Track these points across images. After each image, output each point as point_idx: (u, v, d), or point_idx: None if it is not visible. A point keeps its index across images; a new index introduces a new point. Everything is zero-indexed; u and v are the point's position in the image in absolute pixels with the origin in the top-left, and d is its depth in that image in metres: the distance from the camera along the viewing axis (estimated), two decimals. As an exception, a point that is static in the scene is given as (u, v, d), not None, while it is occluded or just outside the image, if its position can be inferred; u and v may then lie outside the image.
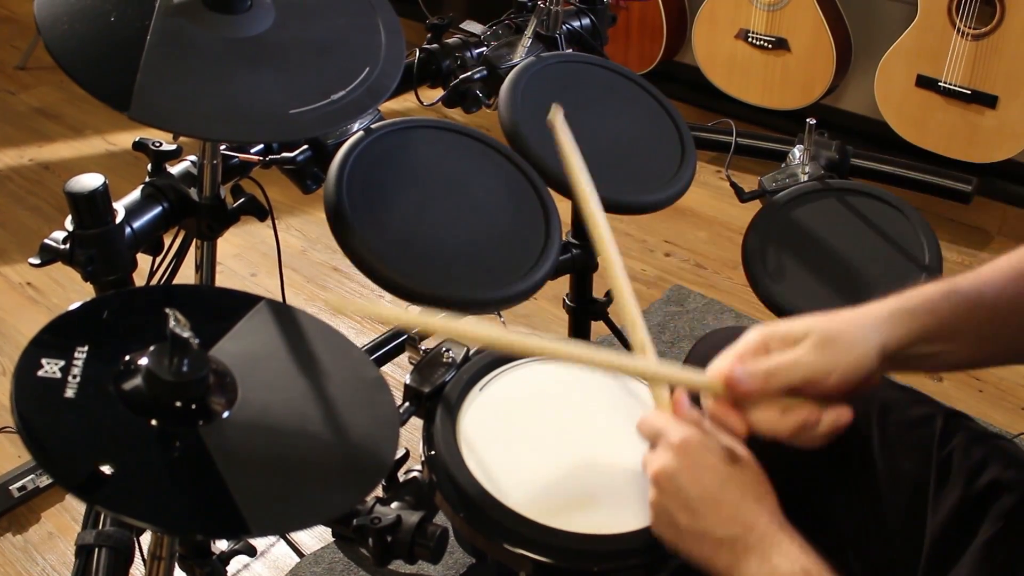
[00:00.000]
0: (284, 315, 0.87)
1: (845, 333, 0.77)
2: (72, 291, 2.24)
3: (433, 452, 0.88)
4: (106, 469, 0.65)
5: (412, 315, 0.88)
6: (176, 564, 0.95)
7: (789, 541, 0.73)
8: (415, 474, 0.99)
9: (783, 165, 1.35)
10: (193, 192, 1.09)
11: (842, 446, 0.91)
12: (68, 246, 0.97)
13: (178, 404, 0.71)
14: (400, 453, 0.92)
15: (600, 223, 0.90)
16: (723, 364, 0.79)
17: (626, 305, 0.86)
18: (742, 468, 0.77)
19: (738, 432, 0.78)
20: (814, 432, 0.77)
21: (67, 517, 1.72)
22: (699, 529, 0.75)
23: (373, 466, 0.77)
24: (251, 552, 1.16)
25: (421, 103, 1.33)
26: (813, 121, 1.32)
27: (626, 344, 1.80)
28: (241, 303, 0.86)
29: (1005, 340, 0.81)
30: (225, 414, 0.73)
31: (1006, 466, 0.85)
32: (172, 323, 0.70)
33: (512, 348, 0.89)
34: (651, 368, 0.84)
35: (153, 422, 0.70)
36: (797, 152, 1.35)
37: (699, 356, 1.02)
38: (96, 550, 0.91)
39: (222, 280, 1.25)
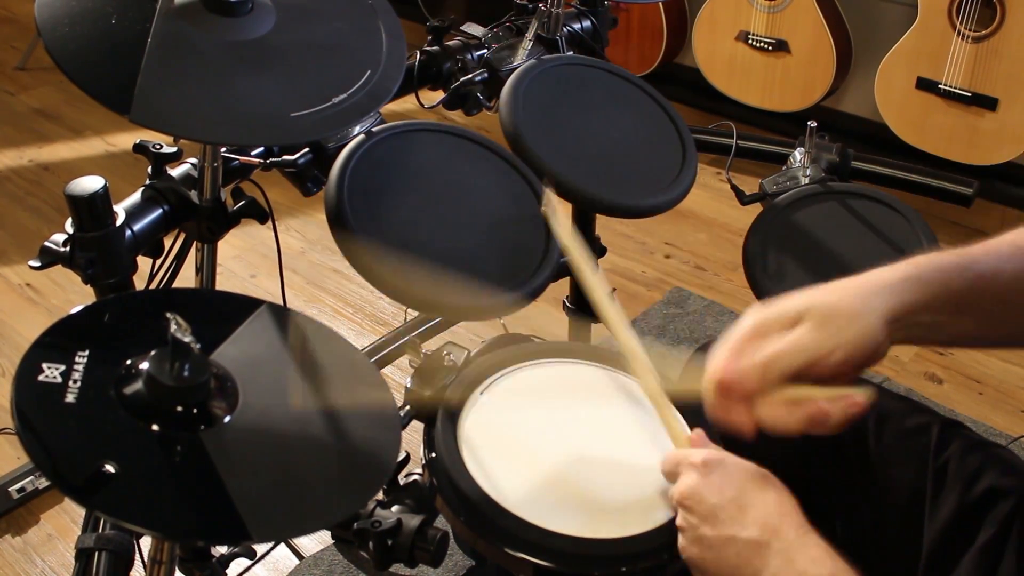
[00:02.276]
0: (285, 319, 0.87)
1: (845, 306, 0.73)
2: (72, 292, 2.24)
3: (434, 455, 0.88)
4: (109, 468, 0.65)
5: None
6: (176, 567, 0.95)
7: (815, 545, 0.71)
8: (416, 477, 0.99)
9: (784, 168, 1.35)
10: (193, 195, 1.09)
11: (839, 456, 0.91)
12: (68, 249, 0.97)
13: (179, 409, 0.71)
14: (401, 456, 0.91)
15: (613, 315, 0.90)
16: (716, 362, 0.76)
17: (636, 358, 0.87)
18: (765, 478, 0.75)
19: (746, 429, 0.75)
20: (826, 423, 0.73)
21: (66, 519, 1.72)
22: (724, 536, 0.73)
23: (375, 470, 0.77)
24: (251, 555, 1.16)
25: (422, 105, 1.33)
26: (814, 124, 1.32)
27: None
28: (242, 307, 0.86)
29: (1014, 321, 0.78)
30: (226, 419, 0.73)
31: (1002, 473, 0.85)
32: (173, 327, 0.70)
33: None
34: (651, 388, 0.83)
35: (154, 427, 0.70)
36: (798, 155, 1.35)
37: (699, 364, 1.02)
38: (96, 553, 0.91)
39: (222, 282, 1.25)
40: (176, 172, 1.11)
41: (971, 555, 0.82)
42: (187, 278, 1.17)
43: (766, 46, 2.76)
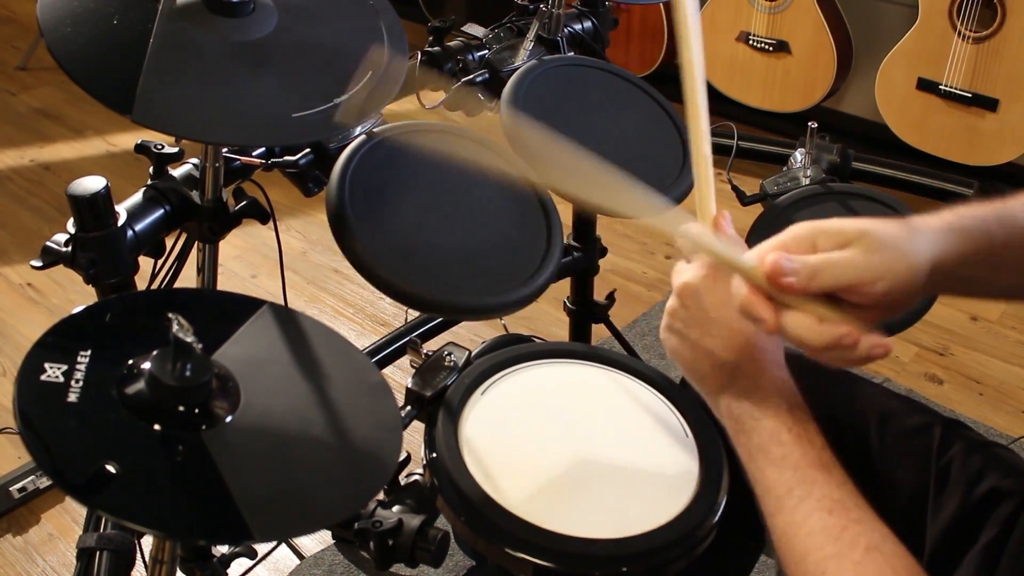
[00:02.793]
0: (286, 319, 0.87)
1: (900, 240, 0.71)
2: (72, 292, 2.24)
3: (435, 455, 0.88)
4: (111, 468, 0.65)
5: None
6: (177, 567, 0.95)
7: (785, 380, 0.74)
8: (416, 478, 0.99)
9: (784, 168, 1.35)
10: (195, 195, 1.09)
11: (841, 455, 0.91)
12: (70, 249, 0.97)
13: (181, 409, 0.71)
14: (402, 457, 0.92)
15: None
16: (765, 250, 0.72)
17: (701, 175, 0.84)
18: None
19: (768, 324, 0.71)
20: (849, 354, 0.70)
21: (67, 518, 1.72)
22: (705, 346, 0.76)
23: (376, 470, 0.77)
24: (252, 555, 1.16)
25: (423, 106, 1.33)
26: (815, 124, 1.32)
27: (627, 347, 1.81)
28: (244, 307, 0.86)
29: None
30: (228, 419, 0.73)
31: (1004, 474, 0.85)
32: (175, 328, 0.70)
33: None
34: (697, 236, 0.78)
35: (156, 427, 0.70)
36: (799, 155, 1.35)
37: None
38: (97, 553, 0.91)
39: (223, 282, 1.25)
40: (178, 172, 1.11)
41: (972, 556, 0.82)
42: (188, 278, 1.17)
43: (767, 47, 2.76)
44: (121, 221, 0.99)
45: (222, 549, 1.14)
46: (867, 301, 0.71)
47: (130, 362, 0.74)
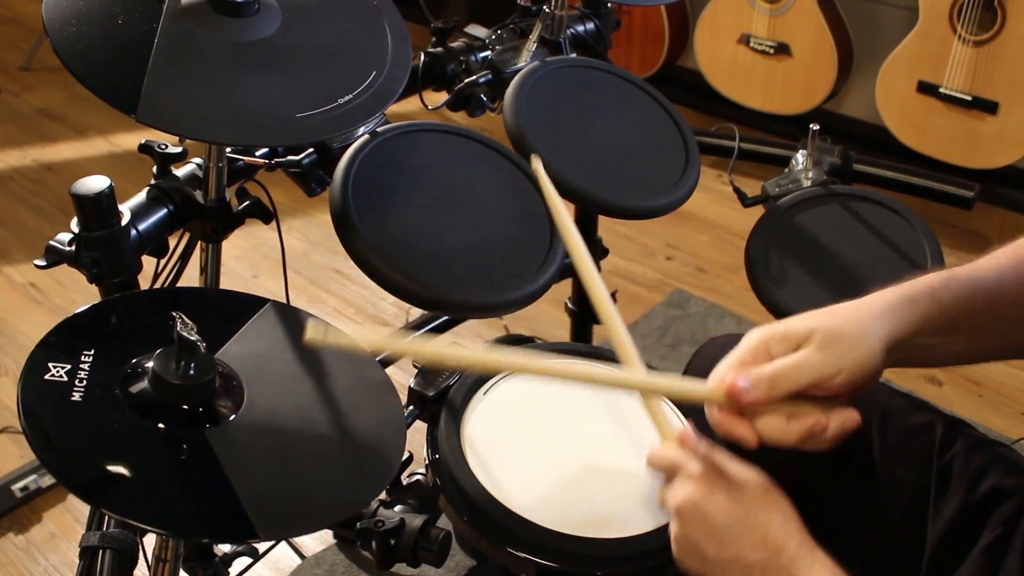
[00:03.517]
0: (290, 317, 0.88)
1: (849, 330, 0.74)
2: (75, 292, 2.24)
3: (437, 455, 0.89)
4: (120, 470, 0.65)
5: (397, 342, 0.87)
6: (180, 566, 0.95)
7: (820, 563, 0.71)
8: (419, 477, 0.99)
9: (786, 170, 1.35)
10: (198, 195, 1.09)
11: (843, 454, 0.91)
12: (74, 248, 0.97)
13: (185, 407, 0.72)
14: (404, 456, 0.92)
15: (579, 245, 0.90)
16: (724, 372, 0.76)
17: (612, 324, 0.84)
18: (768, 492, 0.75)
19: (748, 442, 0.76)
20: (822, 437, 0.75)
21: (69, 517, 1.72)
22: (728, 556, 0.73)
23: (380, 469, 0.78)
24: (253, 554, 1.17)
25: (425, 107, 1.33)
26: (816, 127, 1.32)
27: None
28: (247, 306, 0.87)
29: (1004, 330, 0.80)
30: (232, 417, 0.73)
31: (1006, 473, 0.85)
32: (179, 326, 0.70)
33: (499, 367, 0.88)
34: (650, 382, 0.81)
35: (160, 425, 0.71)
36: (800, 157, 1.35)
37: (700, 364, 1.02)
38: (100, 552, 0.91)
39: (224, 282, 1.25)
40: (181, 172, 1.12)
41: (974, 555, 0.82)
42: (191, 278, 1.17)
43: (768, 49, 2.76)
44: (125, 220, 0.99)
45: (224, 548, 1.14)
46: (830, 393, 0.75)
47: (134, 361, 0.74)
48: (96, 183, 0.96)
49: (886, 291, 0.78)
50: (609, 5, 1.56)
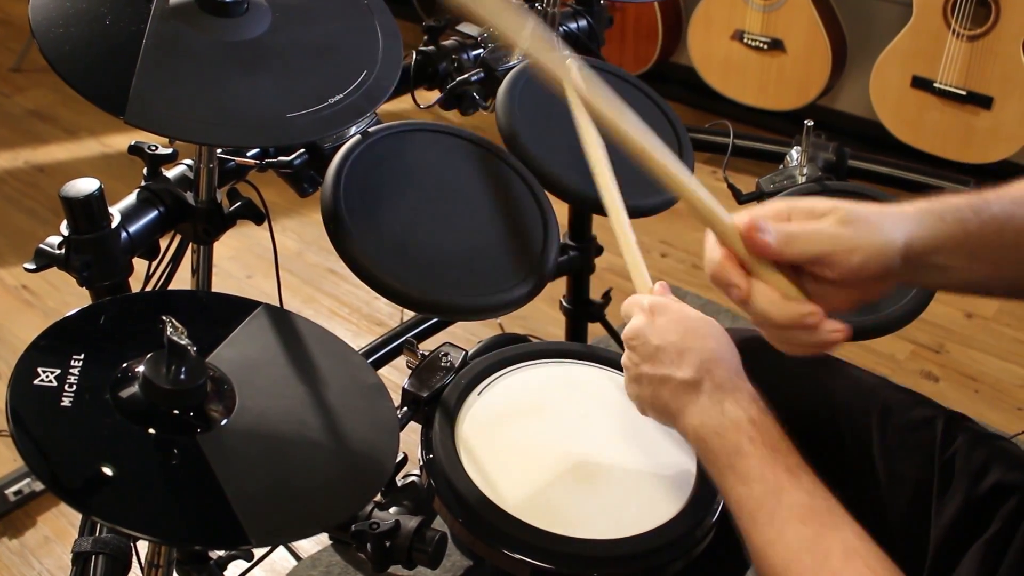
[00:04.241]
0: (282, 320, 0.87)
1: (872, 216, 0.72)
2: (68, 294, 2.23)
3: (431, 457, 0.88)
4: (110, 476, 0.65)
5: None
6: (173, 570, 0.95)
7: (743, 389, 0.74)
8: (413, 479, 0.98)
9: (780, 167, 1.35)
10: (189, 196, 1.08)
11: (843, 450, 0.91)
12: (64, 251, 0.96)
13: (175, 412, 0.71)
14: (398, 458, 0.91)
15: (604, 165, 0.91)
16: (744, 214, 0.74)
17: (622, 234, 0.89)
18: (707, 323, 0.79)
19: (740, 289, 0.73)
20: (808, 336, 0.72)
21: (63, 521, 1.71)
22: (661, 375, 0.77)
23: (373, 473, 0.77)
24: (248, 557, 1.16)
25: (418, 105, 1.32)
26: (811, 123, 1.32)
27: (622, 346, 1.80)
28: (239, 308, 0.86)
29: None
30: (223, 422, 0.73)
31: (1009, 468, 0.85)
32: (169, 330, 0.70)
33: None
34: (690, 180, 0.78)
35: (150, 431, 0.70)
36: (794, 154, 1.35)
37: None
38: (93, 557, 0.90)
39: (218, 282, 1.25)
40: (172, 173, 1.11)
41: (975, 550, 0.82)
42: (183, 279, 1.17)
43: (761, 45, 2.76)
44: (115, 223, 0.99)
45: (219, 551, 1.13)
46: (842, 275, 0.71)
47: (124, 365, 0.74)
48: (85, 185, 0.95)
49: (915, 201, 0.74)
50: (602, 2, 1.55)
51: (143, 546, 0.93)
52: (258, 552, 1.27)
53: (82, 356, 0.73)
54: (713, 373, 0.75)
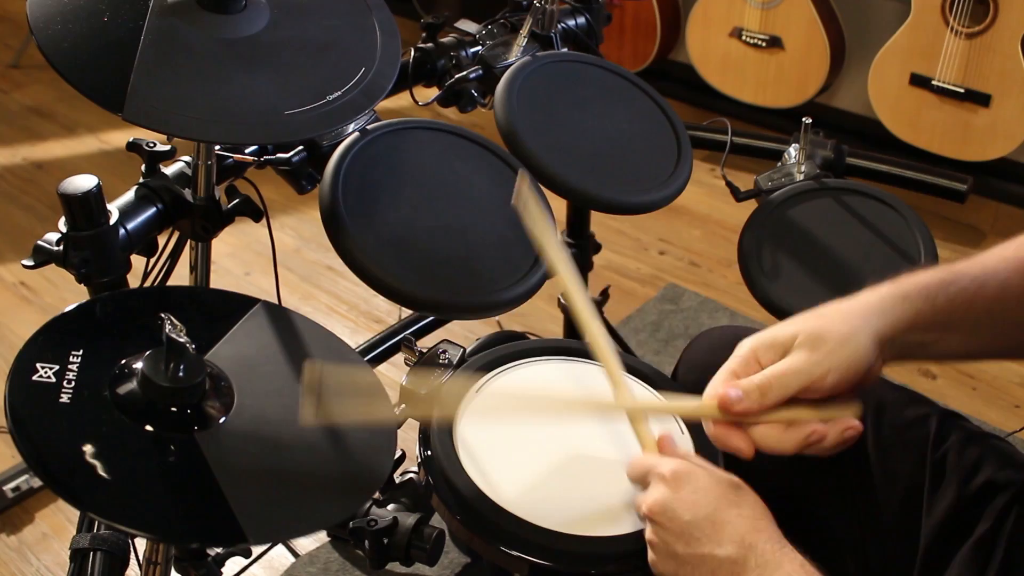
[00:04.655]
0: (280, 318, 0.87)
1: (834, 329, 0.74)
2: (66, 291, 2.23)
3: (429, 454, 0.88)
4: (107, 473, 0.65)
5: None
6: (171, 567, 0.95)
7: (791, 559, 0.70)
8: (411, 476, 0.99)
9: (779, 164, 1.35)
10: (187, 193, 1.08)
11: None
12: (61, 248, 0.96)
13: (174, 410, 0.71)
14: (396, 455, 0.91)
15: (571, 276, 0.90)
16: (716, 385, 0.77)
17: (599, 346, 0.86)
18: (738, 490, 0.75)
19: (745, 452, 0.76)
20: (821, 445, 0.75)
21: (61, 517, 1.71)
22: (698, 554, 0.72)
23: (371, 472, 0.77)
24: (247, 554, 1.16)
25: (416, 102, 1.32)
26: (809, 120, 1.31)
27: (621, 343, 1.81)
28: (237, 306, 0.86)
29: (1005, 333, 0.79)
30: (221, 420, 0.73)
31: (1001, 466, 0.85)
32: (168, 327, 0.70)
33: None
34: (644, 403, 0.82)
35: (148, 428, 0.70)
36: (793, 151, 1.35)
37: (692, 356, 1.02)
38: (91, 554, 0.90)
39: (216, 279, 1.25)
40: (170, 170, 1.11)
41: (966, 548, 0.82)
42: (181, 276, 1.17)
43: (760, 42, 2.76)
44: (113, 220, 0.99)
45: (217, 548, 1.13)
46: (824, 394, 0.74)
47: (122, 362, 0.74)
48: (83, 182, 0.95)
49: (879, 288, 0.77)
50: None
51: (141, 543, 0.93)
52: (256, 549, 1.27)
53: (80, 352, 0.73)
54: (756, 546, 0.72)
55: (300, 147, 1.15)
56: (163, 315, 0.70)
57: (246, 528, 0.66)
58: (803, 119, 1.32)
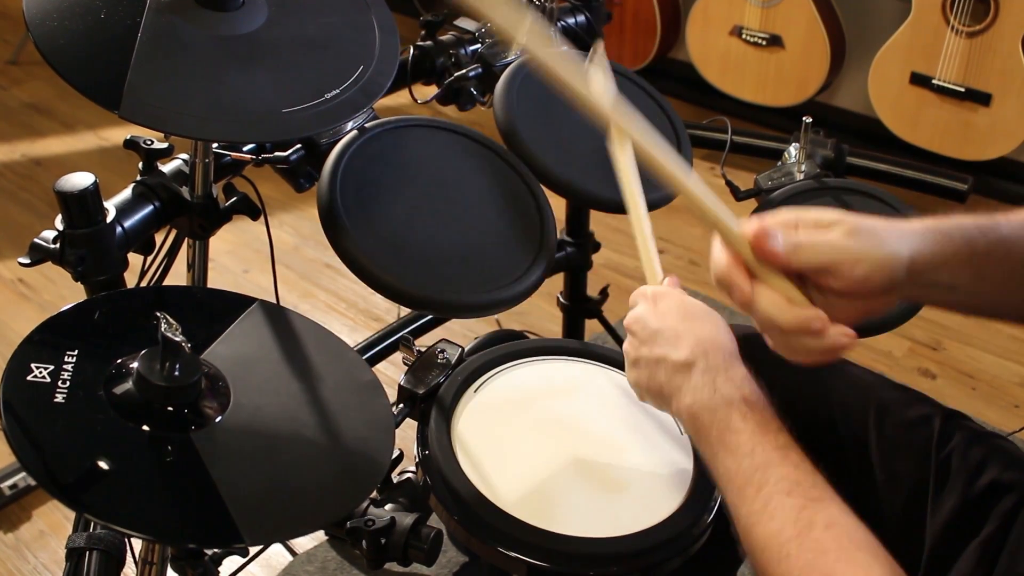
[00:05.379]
0: (277, 317, 0.87)
1: (879, 229, 0.72)
2: (64, 288, 2.23)
3: (427, 453, 0.88)
4: (103, 473, 0.64)
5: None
6: (168, 566, 0.94)
7: (737, 369, 0.75)
8: (409, 475, 0.98)
9: (779, 163, 1.35)
10: (185, 191, 1.08)
11: (840, 448, 0.91)
12: (58, 245, 0.96)
13: (170, 409, 0.70)
14: (394, 454, 0.91)
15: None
16: (756, 219, 0.74)
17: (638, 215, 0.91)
18: (708, 313, 0.80)
19: (741, 293, 0.74)
20: (814, 342, 0.72)
21: (59, 515, 1.71)
22: (657, 356, 0.78)
23: (368, 471, 0.77)
24: (244, 553, 1.16)
25: (415, 100, 1.32)
26: (809, 119, 1.31)
27: (620, 342, 1.80)
28: (234, 305, 0.86)
29: None
30: (218, 419, 0.72)
31: (1006, 467, 0.84)
32: (164, 327, 0.69)
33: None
34: (701, 189, 0.79)
35: (144, 427, 0.70)
36: (793, 150, 1.34)
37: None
38: (87, 553, 0.90)
39: (214, 277, 1.24)
40: (167, 168, 1.10)
41: (971, 550, 0.82)
42: (179, 274, 1.16)
43: (760, 41, 2.75)
44: (110, 218, 0.98)
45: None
46: (846, 286, 0.72)
47: (118, 361, 0.73)
48: (81, 180, 0.94)
49: (923, 218, 0.75)
50: (600, -3, 1.55)
51: (137, 542, 0.93)
52: (253, 548, 1.27)
53: (76, 352, 0.73)
54: (708, 354, 0.76)
55: (298, 145, 1.15)
56: (159, 314, 0.70)
57: (242, 528, 0.66)
58: (803, 118, 1.32)
